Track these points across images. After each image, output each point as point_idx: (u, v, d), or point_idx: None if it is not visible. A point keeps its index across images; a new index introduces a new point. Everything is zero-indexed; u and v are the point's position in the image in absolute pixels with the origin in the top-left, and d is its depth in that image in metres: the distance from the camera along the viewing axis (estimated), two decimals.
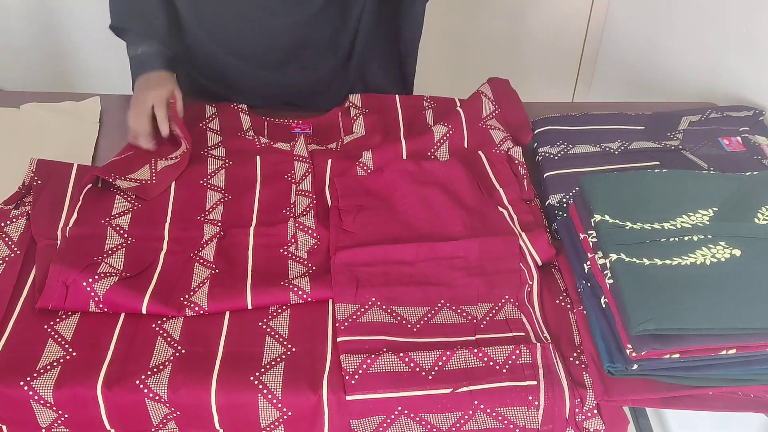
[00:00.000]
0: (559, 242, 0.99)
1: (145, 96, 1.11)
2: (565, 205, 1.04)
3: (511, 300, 0.92)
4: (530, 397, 0.81)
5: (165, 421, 0.82)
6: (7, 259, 0.93)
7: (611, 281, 0.82)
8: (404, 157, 1.12)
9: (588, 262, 0.89)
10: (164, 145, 1.13)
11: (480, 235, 0.98)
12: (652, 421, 1.40)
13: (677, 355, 0.78)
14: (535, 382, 0.82)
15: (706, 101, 1.37)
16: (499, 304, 0.92)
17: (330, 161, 1.10)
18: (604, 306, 0.85)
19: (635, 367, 0.79)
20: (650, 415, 1.40)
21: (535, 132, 1.19)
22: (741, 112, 1.22)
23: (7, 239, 0.95)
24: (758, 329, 0.77)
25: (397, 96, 1.27)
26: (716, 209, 0.90)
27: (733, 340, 0.77)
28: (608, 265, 0.84)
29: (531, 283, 0.94)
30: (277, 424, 0.82)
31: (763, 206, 0.91)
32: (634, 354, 0.78)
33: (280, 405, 0.81)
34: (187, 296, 0.90)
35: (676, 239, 0.86)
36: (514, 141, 1.14)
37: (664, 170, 0.97)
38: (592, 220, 0.89)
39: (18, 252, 0.94)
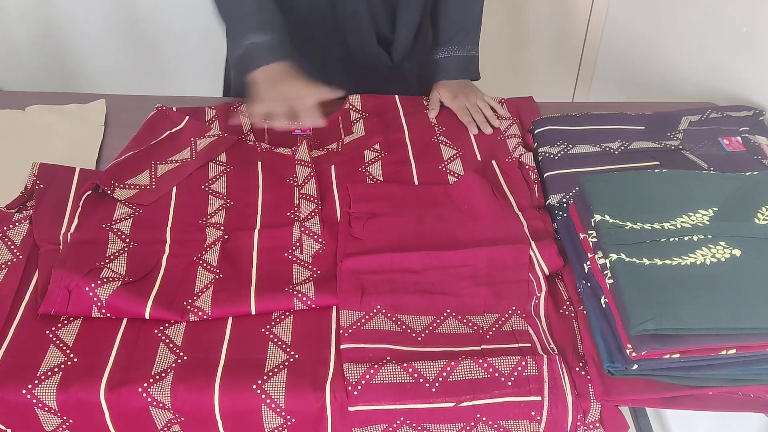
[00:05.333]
0: (560, 242, 0.99)
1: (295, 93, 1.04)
2: (565, 205, 1.04)
3: (518, 311, 0.91)
4: (533, 413, 0.80)
5: (170, 424, 0.82)
6: (9, 263, 0.93)
7: (611, 281, 0.82)
8: (415, 176, 1.11)
9: (588, 262, 0.89)
10: (164, 148, 1.13)
11: (490, 243, 0.97)
12: (652, 421, 1.39)
13: (677, 355, 0.78)
14: (539, 398, 0.81)
15: (706, 101, 1.37)
16: (506, 315, 0.91)
17: (333, 167, 1.11)
18: (604, 306, 0.85)
19: (635, 367, 0.79)
20: (650, 415, 1.40)
21: (535, 132, 1.19)
22: (741, 112, 1.22)
23: (9, 243, 0.96)
24: (758, 329, 0.77)
25: (396, 96, 1.27)
26: (716, 209, 0.90)
27: (733, 340, 0.77)
28: (608, 265, 0.84)
29: (539, 295, 0.93)
30: (281, 429, 0.82)
31: (763, 206, 0.91)
32: (634, 354, 0.78)
33: (283, 413, 0.81)
34: (190, 301, 0.90)
35: (676, 239, 0.86)
36: (526, 146, 1.16)
37: (664, 170, 0.97)
38: (592, 220, 0.89)
39: (20, 256, 0.94)
